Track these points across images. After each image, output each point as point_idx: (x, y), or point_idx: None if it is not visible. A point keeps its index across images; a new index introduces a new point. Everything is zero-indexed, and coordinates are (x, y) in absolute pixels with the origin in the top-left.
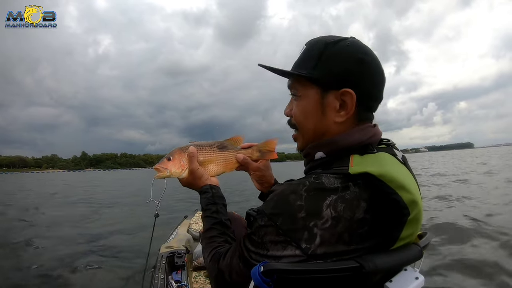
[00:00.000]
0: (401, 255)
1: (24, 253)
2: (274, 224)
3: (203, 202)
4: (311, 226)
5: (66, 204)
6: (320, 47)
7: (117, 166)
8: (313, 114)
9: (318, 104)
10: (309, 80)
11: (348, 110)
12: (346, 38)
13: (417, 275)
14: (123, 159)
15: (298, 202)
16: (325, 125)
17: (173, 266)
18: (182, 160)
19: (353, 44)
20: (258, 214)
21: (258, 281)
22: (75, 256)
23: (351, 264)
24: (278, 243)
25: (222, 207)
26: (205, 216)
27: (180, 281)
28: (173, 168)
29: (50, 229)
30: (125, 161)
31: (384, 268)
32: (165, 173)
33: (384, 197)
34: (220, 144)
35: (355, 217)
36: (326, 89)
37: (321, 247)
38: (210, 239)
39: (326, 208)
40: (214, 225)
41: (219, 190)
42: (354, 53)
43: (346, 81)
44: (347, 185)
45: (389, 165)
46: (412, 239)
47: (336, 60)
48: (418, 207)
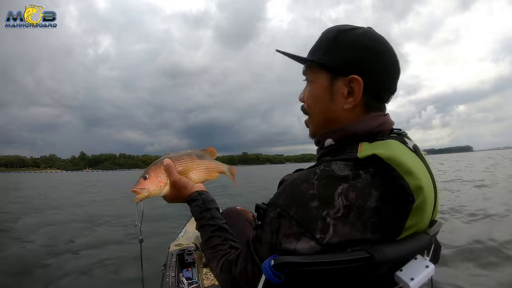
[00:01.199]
0: (411, 244)
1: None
2: (287, 215)
3: (195, 211)
4: (324, 216)
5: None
6: (332, 34)
7: (116, 166)
8: (322, 99)
9: (327, 89)
10: (320, 66)
11: (355, 97)
12: (360, 27)
13: (427, 264)
14: (122, 160)
15: (311, 191)
16: (334, 111)
17: (183, 263)
18: (159, 176)
19: (365, 33)
20: (269, 206)
21: (269, 275)
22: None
23: (361, 255)
24: (290, 236)
25: (216, 212)
26: (201, 225)
27: (191, 278)
28: (151, 187)
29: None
30: (124, 162)
31: (394, 258)
32: (143, 194)
33: (392, 183)
34: (198, 153)
35: (367, 206)
36: (335, 75)
37: (335, 236)
38: (214, 249)
39: (338, 197)
40: (214, 233)
41: (209, 195)
42: (365, 41)
43: (354, 67)
44: (358, 173)
45: (398, 150)
46: (420, 228)
47: (346, 47)
48: (424, 195)
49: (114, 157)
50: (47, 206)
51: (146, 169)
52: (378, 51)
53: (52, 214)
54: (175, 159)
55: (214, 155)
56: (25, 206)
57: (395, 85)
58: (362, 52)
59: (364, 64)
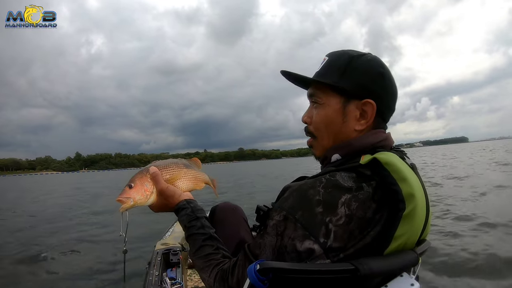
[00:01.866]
0: (397, 260)
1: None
2: (293, 218)
3: (184, 220)
4: (327, 222)
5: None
6: (346, 59)
7: (112, 166)
8: (334, 122)
9: (340, 112)
10: (333, 90)
11: (368, 119)
12: (366, 53)
13: (412, 282)
14: (118, 159)
15: (317, 197)
16: (345, 132)
17: (168, 263)
18: (145, 185)
19: (374, 59)
20: (274, 210)
21: (253, 279)
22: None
23: (346, 267)
24: (295, 238)
25: (206, 221)
26: (191, 234)
27: (174, 279)
28: (137, 196)
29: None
30: (120, 161)
31: (379, 272)
32: (129, 203)
33: (387, 189)
34: (185, 163)
35: (366, 217)
36: (349, 98)
37: (335, 242)
38: (206, 258)
39: (341, 206)
40: (206, 241)
41: (197, 203)
42: (376, 67)
43: (369, 92)
44: (361, 185)
45: (396, 159)
46: (409, 242)
47: (361, 72)
48: (415, 203)
49: (110, 157)
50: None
51: (132, 178)
52: (386, 76)
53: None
54: (162, 167)
55: (199, 166)
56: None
57: (395, 105)
58: (375, 78)
59: (377, 88)
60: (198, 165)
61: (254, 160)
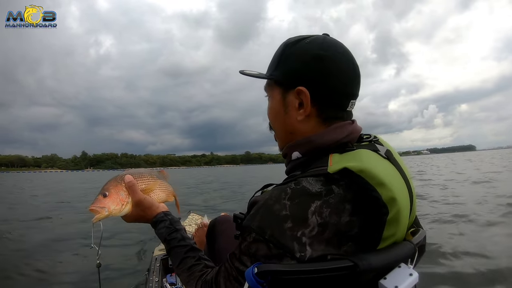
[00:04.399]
0: (395, 252)
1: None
2: (263, 239)
3: (163, 232)
4: (299, 236)
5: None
6: (280, 49)
7: (118, 166)
8: (278, 114)
9: (281, 103)
10: (274, 82)
11: (305, 108)
12: (311, 35)
13: (411, 272)
14: (124, 159)
15: (283, 212)
16: (289, 124)
17: (167, 268)
18: (120, 194)
19: (313, 41)
20: (244, 230)
21: (252, 283)
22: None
23: (345, 264)
24: (272, 257)
25: (184, 232)
26: (172, 247)
27: (174, 284)
28: (111, 206)
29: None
30: (126, 161)
31: (378, 266)
32: (103, 213)
33: (365, 195)
34: (156, 174)
35: (342, 221)
36: (286, 89)
37: (314, 252)
38: (189, 270)
39: (312, 215)
40: (187, 253)
41: (173, 215)
42: (311, 50)
43: (300, 79)
44: (331, 188)
45: (369, 161)
46: (398, 238)
47: (292, 59)
48: (397, 206)
49: (116, 157)
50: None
51: (105, 186)
52: (324, 59)
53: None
54: (137, 177)
55: (167, 178)
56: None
57: (354, 90)
58: (307, 62)
59: (309, 74)
60: (166, 177)
61: (261, 164)
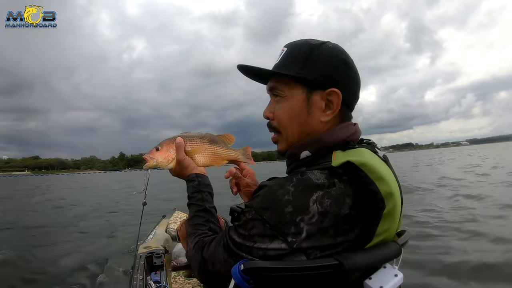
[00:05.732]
0: (380, 252)
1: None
2: (261, 218)
3: (188, 190)
4: (297, 221)
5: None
6: (307, 49)
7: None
8: (299, 114)
9: (305, 104)
10: (296, 81)
11: (334, 109)
12: (326, 41)
13: (396, 272)
14: None
15: (286, 197)
16: (311, 125)
17: (152, 266)
18: (170, 151)
19: (335, 47)
20: (246, 208)
21: (238, 280)
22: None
23: (330, 262)
24: (265, 237)
25: (208, 195)
26: (190, 203)
27: (159, 282)
28: (160, 158)
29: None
30: None
31: (363, 266)
32: (151, 162)
33: (364, 188)
34: (212, 138)
35: (341, 213)
36: (313, 89)
37: (306, 241)
38: (194, 227)
39: (313, 204)
40: (198, 212)
41: (206, 179)
42: (339, 55)
43: (333, 81)
44: (333, 181)
45: (370, 157)
46: (390, 236)
47: (323, 61)
48: (394, 201)
49: None
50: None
51: (161, 142)
52: (349, 65)
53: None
54: (187, 139)
55: (230, 142)
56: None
57: (359, 93)
58: (338, 66)
59: (341, 77)
60: (229, 141)
61: None
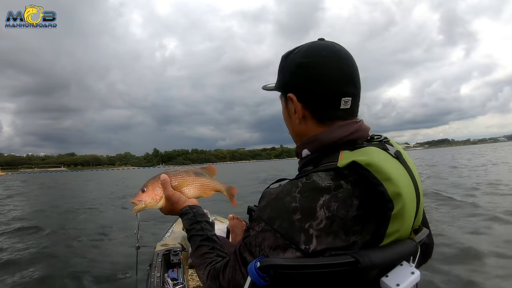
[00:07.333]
0: (396, 250)
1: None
2: (272, 229)
3: (186, 223)
4: (306, 228)
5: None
6: (281, 60)
7: (188, 161)
8: (286, 119)
9: (286, 110)
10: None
11: (297, 112)
12: (300, 46)
13: (413, 270)
14: (194, 155)
15: (293, 204)
16: (296, 128)
17: (169, 264)
18: (156, 190)
19: (299, 51)
20: (254, 220)
21: (254, 277)
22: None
23: (347, 259)
24: (277, 248)
25: (206, 224)
26: (191, 236)
27: (176, 279)
28: (147, 199)
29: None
30: (196, 157)
31: (380, 263)
32: (140, 205)
33: (371, 189)
34: (196, 170)
35: (349, 215)
36: (285, 97)
37: (319, 245)
38: (202, 257)
39: (320, 209)
40: (202, 242)
41: (200, 209)
42: (295, 60)
43: (290, 87)
44: (339, 183)
45: (377, 157)
46: (402, 235)
47: (285, 70)
48: (402, 202)
49: (187, 153)
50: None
51: (146, 182)
52: (305, 65)
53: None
54: (172, 174)
55: (213, 174)
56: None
57: (344, 88)
58: (293, 71)
59: (294, 81)
60: (211, 173)
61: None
